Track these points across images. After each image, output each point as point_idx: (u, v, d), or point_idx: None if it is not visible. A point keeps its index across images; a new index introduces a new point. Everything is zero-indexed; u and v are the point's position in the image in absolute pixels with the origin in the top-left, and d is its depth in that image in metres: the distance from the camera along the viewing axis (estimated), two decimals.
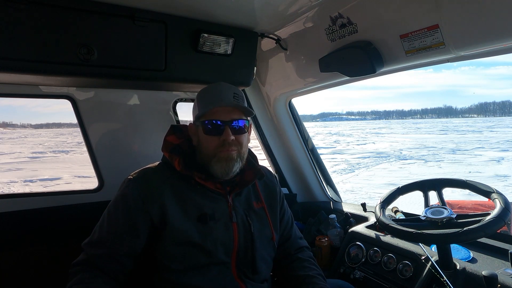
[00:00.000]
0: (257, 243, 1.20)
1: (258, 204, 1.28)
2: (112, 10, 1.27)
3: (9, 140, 30.69)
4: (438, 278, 1.18)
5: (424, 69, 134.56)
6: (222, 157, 1.15)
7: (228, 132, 1.14)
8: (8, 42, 1.14)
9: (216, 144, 1.15)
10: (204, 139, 1.17)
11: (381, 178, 10.83)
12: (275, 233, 1.27)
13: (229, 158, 1.15)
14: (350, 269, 1.57)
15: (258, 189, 1.31)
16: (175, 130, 1.29)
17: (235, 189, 1.22)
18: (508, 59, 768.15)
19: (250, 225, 1.20)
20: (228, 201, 1.19)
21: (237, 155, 1.17)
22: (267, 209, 1.29)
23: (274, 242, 1.27)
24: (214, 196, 1.18)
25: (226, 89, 1.19)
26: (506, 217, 1.06)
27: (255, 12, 1.46)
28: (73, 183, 10.49)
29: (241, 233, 1.18)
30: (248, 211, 1.23)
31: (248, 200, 1.26)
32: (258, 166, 1.32)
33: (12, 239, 1.49)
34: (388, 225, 1.23)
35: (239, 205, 1.22)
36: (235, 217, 1.18)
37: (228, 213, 1.18)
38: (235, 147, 1.16)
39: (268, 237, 1.25)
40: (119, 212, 1.11)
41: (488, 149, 18.75)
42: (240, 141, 1.18)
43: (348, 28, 1.41)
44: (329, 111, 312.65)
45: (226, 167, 1.15)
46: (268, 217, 1.27)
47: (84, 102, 1.67)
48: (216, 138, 1.15)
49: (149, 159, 1.35)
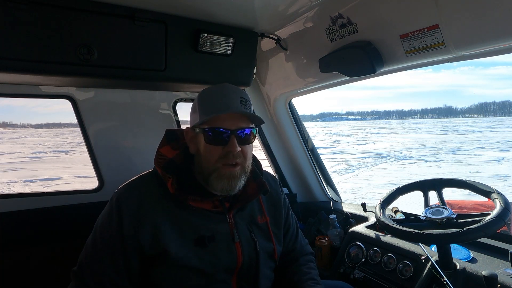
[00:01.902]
0: (262, 261, 1.12)
1: (262, 219, 1.18)
2: (112, 10, 1.27)
3: (9, 140, 30.66)
4: (438, 278, 1.18)
5: (423, 69, 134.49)
6: (224, 175, 1.02)
7: (234, 142, 1.00)
8: (8, 42, 1.14)
9: (219, 155, 1.01)
10: (204, 149, 1.03)
11: (381, 178, 10.84)
12: (277, 248, 1.19)
13: (232, 176, 1.02)
14: (350, 269, 1.57)
15: (261, 203, 1.20)
16: (170, 138, 1.15)
17: (236, 205, 1.11)
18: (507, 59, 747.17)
19: (255, 243, 1.11)
20: (229, 220, 1.09)
21: (241, 171, 1.04)
22: (270, 223, 1.19)
23: (276, 258, 1.19)
24: (213, 216, 1.07)
25: (232, 93, 1.05)
26: (506, 217, 1.06)
27: (255, 12, 1.46)
28: (73, 183, 10.48)
29: (246, 252, 1.09)
30: (251, 227, 1.13)
31: (252, 214, 1.16)
32: (262, 178, 1.19)
33: (12, 239, 1.49)
34: (388, 225, 1.23)
35: (241, 221, 1.12)
36: (237, 237, 1.08)
37: (230, 233, 1.08)
38: (239, 159, 1.03)
39: (270, 253, 1.17)
40: (111, 231, 1.01)
41: (488, 149, 18.75)
42: (245, 152, 1.05)
43: (348, 28, 1.41)
44: (329, 111, 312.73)
45: (227, 186, 1.02)
46: (270, 232, 1.18)
47: (84, 102, 1.67)
48: (219, 148, 1.01)
49: (148, 159, 1.35)
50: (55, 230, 1.57)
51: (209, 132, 1.02)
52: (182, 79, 1.57)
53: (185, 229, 1.03)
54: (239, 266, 1.08)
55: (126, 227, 0.99)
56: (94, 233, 1.05)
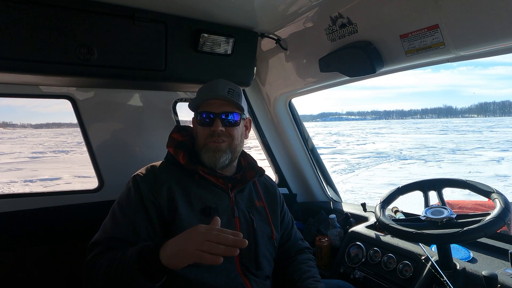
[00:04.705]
0: (259, 239, 1.22)
1: (259, 202, 1.31)
2: (112, 10, 1.27)
3: (9, 140, 30.69)
4: (438, 278, 1.18)
5: (423, 69, 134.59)
6: (210, 147, 1.20)
7: (218, 123, 1.19)
8: (8, 42, 1.14)
9: (207, 134, 1.21)
10: (197, 129, 1.25)
11: (381, 178, 10.83)
12: (275, 232, 1.29)
13: (217, 149, 1.20)
14: (350, 269, 1.57)
15: (259, 189, 1.34)
16: (180, 129, 1.34)
17: (237, 186, 1.26)
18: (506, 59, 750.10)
19: (252, 221, 1.23)
20: (230, 196, 1.22)
21: (227, 147, 1.22)
22: (268, 208, 1.31)
23: (274, 240, 1.28)
24: (217, 191, 1.21)
25: (223, 84, 1.24)
26: (506, 217, 1.06)
27: (255, 12, 1.46)
28: (73, 183, 10.48)
29: (244, 229, 1.20)
30: (250, 208, 1.26)
31: (251, 198, 1.29)
32: (259, 166, 1.35)
33: (12, 239, 1.49)
34: (388, 225, 1.23)
35: (241, 201, 1.25)
36: (237, 212, 1.21)
37: (231, 208, 1.20)
38: (226, 138, 1.21)
39: (268, 235, 1.27)
40: (132, 202, 1.10)
41: (488, 149, 18.75)
42: (232, 133, 1.22)
43: (348, 28, 1.41)
44: (329, 111, 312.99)
45: (213, 157, 1.20)
46: (268, 215, 1.30)
47: (84, 102, 1.67)
48: (207, 129, 1.21)
49: (149, 159, 1.36)
50: (55, 230, 1.57)
51: (200, 115, 1.23)
52: (182, 79, 1.57)
53: (193, 198, 1.16)
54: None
55: (146, 194, 1.11)
56: (112, 210, 1.13)
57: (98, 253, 1.03)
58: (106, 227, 1.09)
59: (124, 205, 1.11)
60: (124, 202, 1.12)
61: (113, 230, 1.07)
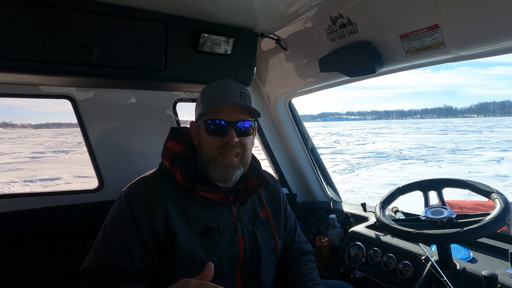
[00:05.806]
0: (263, 254, 1.15)
1: (263, 212, 1.22)
2: (112, 10, 1.27)
3: (9, 140, 30.66)
4: (438, 278, 1.18)
5: (422, 69, 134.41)
6: (221, 163, 1.07)
7: (233, 133, 1.06)
8: (8, 42, 1.14)
9: (218, 146, 1.07)
10: (205, 140, 1.09)
11: (381, 178, 10.83)
12: (278, 242, 1.22)
13: (229, 165, 1.08)
14: (350, 269, 1.57)
15: (262, 197, 1.25)
16: (176, 134, 1.20)
17: (239, 198, 1.16)
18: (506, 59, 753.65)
19: (256, 236, 1.14)
20: (233, 212, 1.13)
21: (239, 161, 1.10)
22: (271, 217, 1.24)
23: (278, 252, 1.23)
24: (218, 207, 1.11)
25: (233, 88, 1.11)
26: (506, 217, 1.06)
27: (255, 12, 1.46)
28: (73, 183, 10.48)
29: (247, 244, 1.13)
30: (253, 220, 1.18)
31: (254, 209, 1.20)
32: (263, 173, 1.26)
33: (12, 239, 1.49)
34: (388, 225, 1.23)
35: (244, 214, 1.16)
36: (240, 228, 1.12)
37: (233, 224, 1.12)
38: (239, 149, 1.09)
39: (272, 248, 1.20)
40: (125, 225, 1.01)
41: (488, 149, 18.75)
42: (244, 143, 1.10)
43: (348, 28, 1.41)
44: (329, 111, 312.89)
45: (225, 174, 1.08)
46: (272, 226, 1.22)
47: (84, 102, 1.67)
48: (218, 139, 1.07)
49: (148, 159, 1.35)
50: (55, 230, 1.57)
51: (209, 123, 1.07)
52: (182, 79, 1.57)
53: (192, 219, 1.06)
54: (241, 258, 1.11)
55: (141, 218, 1.01)
56: (104, 231, 1.04)
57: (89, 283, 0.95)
58: (98, 252, 1.00)
59: (117, 227, 1.02)
60: (116, 224, 1.03)
61: (105, 258, 0.98)
